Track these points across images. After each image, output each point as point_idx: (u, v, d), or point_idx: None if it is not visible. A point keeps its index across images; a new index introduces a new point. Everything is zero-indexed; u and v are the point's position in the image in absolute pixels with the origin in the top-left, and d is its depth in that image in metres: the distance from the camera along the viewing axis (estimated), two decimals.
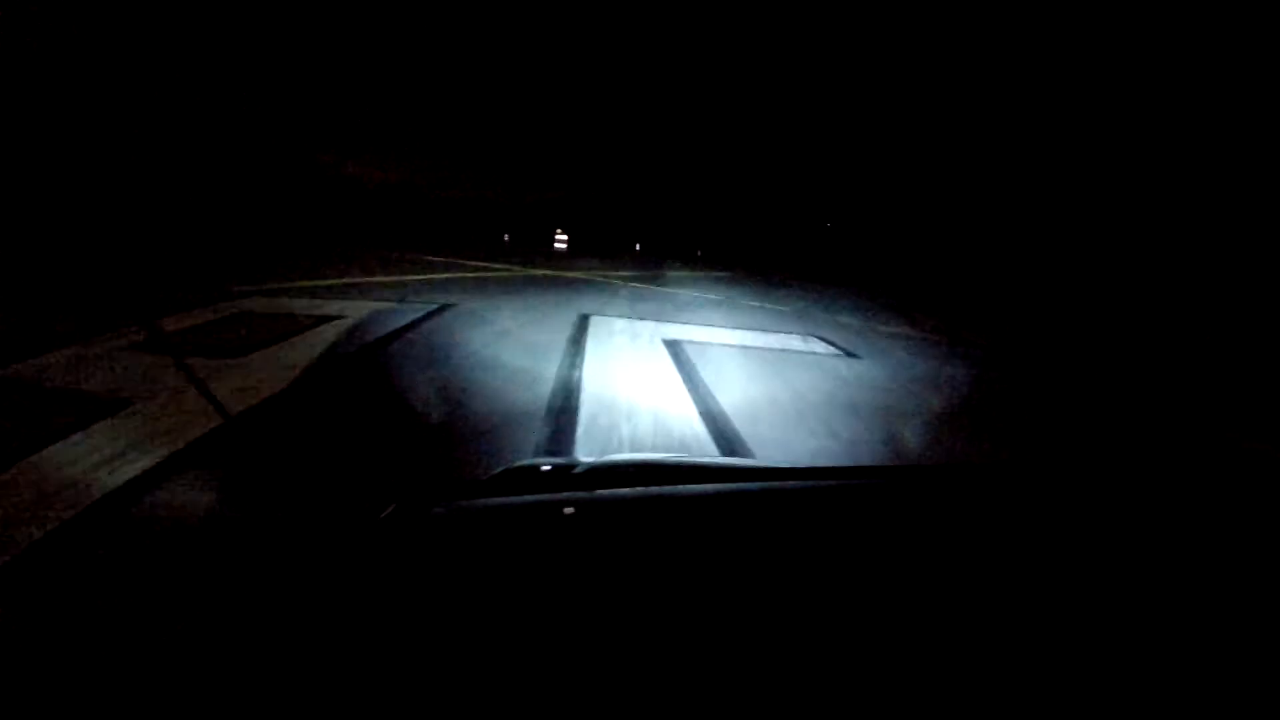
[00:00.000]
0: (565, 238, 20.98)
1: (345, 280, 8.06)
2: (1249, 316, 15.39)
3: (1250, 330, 14.07)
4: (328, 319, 5.44)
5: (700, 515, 0.84)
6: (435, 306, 6.58)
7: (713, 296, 10.67)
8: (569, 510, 0.83)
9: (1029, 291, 18.78)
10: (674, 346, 5.69)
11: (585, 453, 2.94)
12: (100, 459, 2.43)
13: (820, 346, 6.66)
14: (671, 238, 25.83)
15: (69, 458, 2.43)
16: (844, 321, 9.25)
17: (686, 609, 0.59)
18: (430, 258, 12.10)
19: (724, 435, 3.46)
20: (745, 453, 3.28)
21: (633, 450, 3.05)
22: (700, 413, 3.80)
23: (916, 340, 8.08)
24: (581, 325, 6.41)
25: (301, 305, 5.97)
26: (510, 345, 5.10)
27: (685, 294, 10.61)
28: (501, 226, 22.58)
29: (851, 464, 3.25)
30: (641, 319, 7.20)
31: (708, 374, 4.78)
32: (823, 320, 9.06)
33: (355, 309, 6.01)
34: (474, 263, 12.14)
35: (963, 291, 18.37)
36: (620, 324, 6.70)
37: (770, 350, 6.09)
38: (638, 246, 24.44)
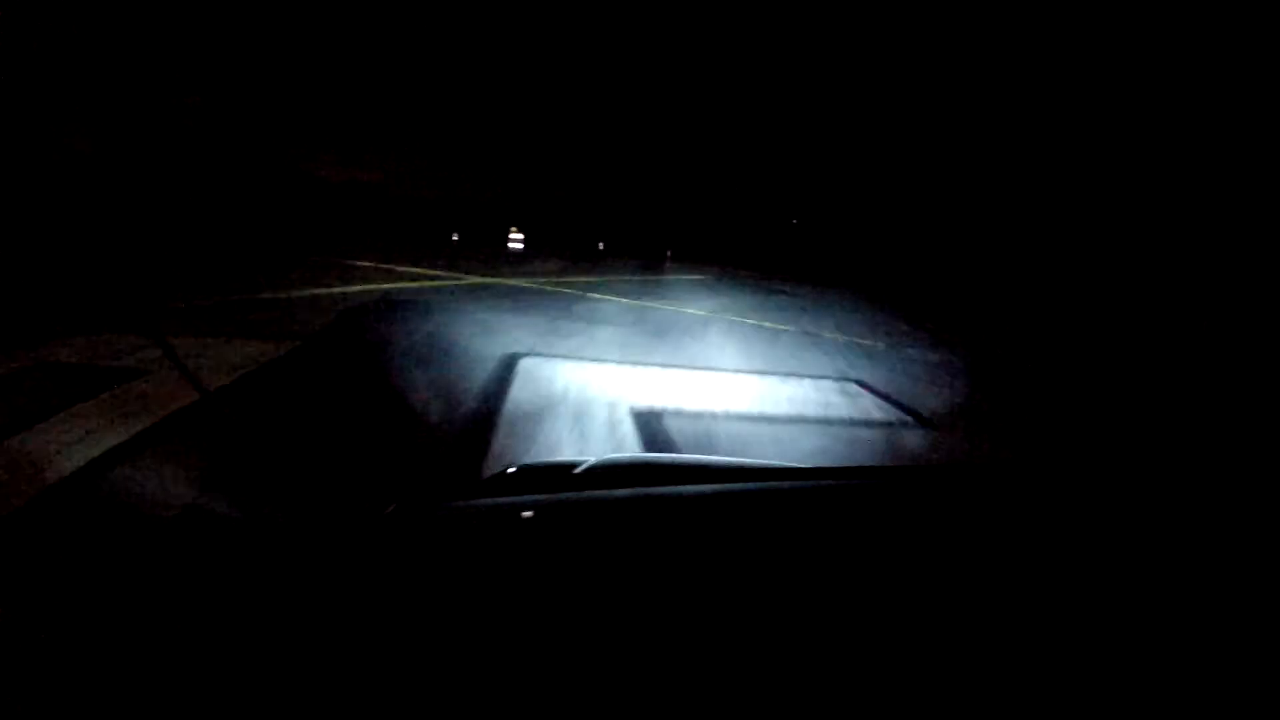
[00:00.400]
0: (521, 236, 18.52)
1: (234, 296, 5.73)
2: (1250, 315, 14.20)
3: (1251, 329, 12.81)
4: (130, 375, 3.29)
5: (700, 515, 0.82)
6: (296, 347, 4.12)
7: (694, 311, 8.37)
8: (569, 510, 0.82)
9: (1014, 290, 17.25)
10: (649, 425, 3.36)
11: None
12: None
13: (873, 405, 4.40)
14: (638, 235, 23.56)
15: None
16: (866, 344, 7.12)
17: (686, 608, 0.57)
18: (360, 263, 9.41)
19: None
20: None
21: None
22: None
23: (965, 374, 6.00)
24: (503, 377, 4.05)
25: (127, 346, 3.76)
26: (375, 425, 2.70)
27: (660, 310, 8.27)
28: (452, 224, 19.99)
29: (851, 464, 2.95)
30: (599, 360, 4.86)
31: None
32: (841, 345, 6.88)
33: (178, 357, 3.51)
34: (406, 268, 9.53)
35: (945, 287, 16.72)
36: (564, 372, 4.34)
37: (806, 422, 3.79)
38: (601, 245, 22.03)
